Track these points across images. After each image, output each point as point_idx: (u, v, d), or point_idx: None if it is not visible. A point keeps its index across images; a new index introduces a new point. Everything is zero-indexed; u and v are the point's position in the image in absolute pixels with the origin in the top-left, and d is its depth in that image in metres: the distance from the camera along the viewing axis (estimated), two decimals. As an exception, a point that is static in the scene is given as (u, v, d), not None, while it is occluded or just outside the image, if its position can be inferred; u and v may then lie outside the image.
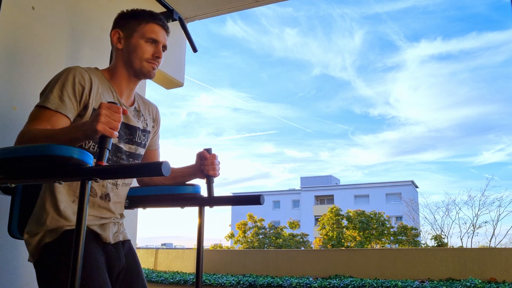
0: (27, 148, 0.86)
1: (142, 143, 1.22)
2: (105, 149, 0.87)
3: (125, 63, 1.16)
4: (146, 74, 1.17)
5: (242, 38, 48.51)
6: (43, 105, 1.02)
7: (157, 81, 2.17)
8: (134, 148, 1.19)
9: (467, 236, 15.34)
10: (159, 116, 1.31)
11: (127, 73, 1.17)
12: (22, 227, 1.13)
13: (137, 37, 1.14)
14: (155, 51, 1.16)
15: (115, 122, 0.87)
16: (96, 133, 0.86)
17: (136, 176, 1.06)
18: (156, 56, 1.16)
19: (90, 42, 1.66)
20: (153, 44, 1.16)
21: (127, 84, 1.18)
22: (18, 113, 1.36)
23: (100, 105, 0.88)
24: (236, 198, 1.21)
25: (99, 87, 1.11)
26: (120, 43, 1.15)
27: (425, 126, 43.63)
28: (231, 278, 3.47)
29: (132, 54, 1.14)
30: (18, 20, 1.40)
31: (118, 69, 1.17)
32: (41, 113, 1.02)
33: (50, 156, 0.82)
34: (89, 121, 0.89)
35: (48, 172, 0.86)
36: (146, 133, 1.24)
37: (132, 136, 1.18)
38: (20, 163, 0.86)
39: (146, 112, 1.26)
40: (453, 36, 42.21)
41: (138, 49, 1.14)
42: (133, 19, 1.16)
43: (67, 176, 0.85)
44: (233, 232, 19.81)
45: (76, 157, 0.82)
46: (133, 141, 1.18)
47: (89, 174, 0.82)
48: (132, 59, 1.14)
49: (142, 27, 1.15)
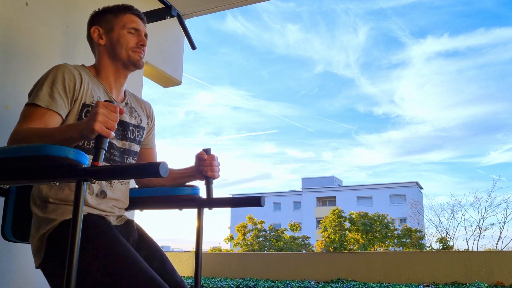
0: (21, 148, 0.85)
1: (136, 139, 1.21)
2: (101, 149, 0.85)
3: (111, 57, 1.16)
4: (135, 63, 1.17)
5: (242, 34, 48.23)
6: (33, 103, 1.00)
7: (154, 80, 2.16)
8: (128, 145, 1.18)
9: (473, 238, 15.30)
10: (153, 113, 1.31)
11: (114, 67, 1.17)
12: (16, 230, 1.11)
13: (118, 29, 1.16)
14: (138, 39, 1.17)
15: (112, 121, 0.86)
16: (93, 133, 0.84)
17: (133, 177, 1.04)
18: (141, 44, 1.17)
19: (84, 40, 1.62)
20: (135, 33, 1.17)
21: (116, 79, 1.18)
22: (11, 112, 1.34)
23: (96, 103, 0.86)
24: (235, 199, 1.20)
25: (89, 83, 1.10)
26: (102, 38, 1.16)
27: (431, 125, 43.45)
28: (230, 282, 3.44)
29: (117, 46, 1.15)
30: (11, 17, 1.39)
31: (104, 65, 1.17)
32: (32, 111, 1.00)
33: (44, 157, 0.80)
34: (85, 120, 0.87)
35: (42, 173, 0.84)
36: (140, 129, 1.23)
37: (125, 132, 1.17)
38: (14, 163, 0.85)
39: (139, 108, 1.25)
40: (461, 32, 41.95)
41: (122, 39, 1.15)
42: (110, 13, 1.18)
43: (62, 177, 0.83)
44: (232, 235, 19.76)
45: (72, 158, 0.81)
46: (126, 137, 1.17)
47: (85, 175, 0.81)
48: (118, 51, 1.15)
49: (120, 19, 1.16)
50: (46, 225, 1.00)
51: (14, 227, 1.11)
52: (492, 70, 40.13)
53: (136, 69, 1.19)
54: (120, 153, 1.15)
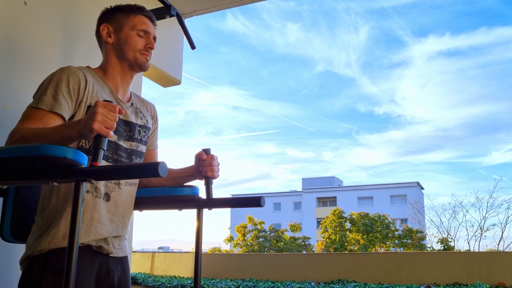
0: (19, 148, 0.84)
1: (143, 139, 1.21)
2: (100, 149, 0.84)
3: (118, 56, 1.16)
4: (142, 66, 1.17)
5: (242, 33, 47.98)
6: (36, 106, 1.00)
7: (153, 79, 2.15)
8: (135, 145, 1.18)
9: (475, 239, 15.26)
10: (157, 114, 1.31)
11: (121, 67, 1.17)
12: (15, 230, 1.11)
13: (127, 30, 1.15)
14: (147, 42, 1.17)
15: (111, 121, 0.85)
16: (92, 132, 0.84)
17: (132, 177, 1.03)
18: (149, 47, 1.17)
19: (83, 39, 1.64)
20: (144, 35, 1.17)
21: (122, 79, 1.18)
22: (10, 112, 1.33)
23: (95, 103, 0.85)
24: (235, 200, 1.19)
25: (94, 85, 1.10)
26: (110, 37, 1.16)
27: (432, 125, 43.22)
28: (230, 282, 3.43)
29: (124, 46, 1.15)
30: (10, 16, 1.38)
31: (111, 64, 1.16)
32: (33, 112, 1.00)
33: (43, 157, 0.80)
34: (84, 119, 0.86)
35: (40, 173, 0.83)
36: (147, 129, 1.23)
37: (132, 132, 1.17)
38: (12, 164, 0.84)
39: (144, 109, 1.25)
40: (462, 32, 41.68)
41: (130, 40, 1.15)
42: (120, 12, 1.17)
43: (61, 177, 0.82)
44: (232, 235, 19.74)
45: (70, 158, 0.80)
46: (133, 138, 1.17)
47: (83, 175, 0.80)
48: (125, 51, 1.15)
49: (131, 19, 1.16)
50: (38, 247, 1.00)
51: (12, 227, 1.11)
52: (493, 69, 39.96)
53: (142, 71, 1.19)
54: (128, 154, 1.15)
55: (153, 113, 1.28)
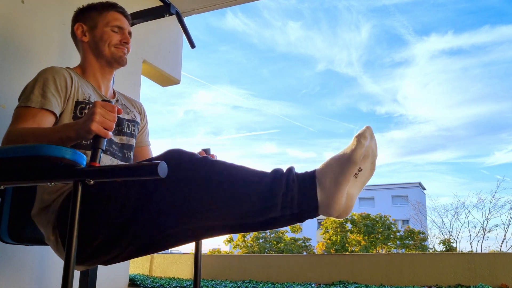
0: (16, 148, 0.83)
1: (133, 133, 1.22)
2: (98, 149, 0.84)
3: (94, 54, 1.16)
4: (118, 60, 1.17)
5: (242, 32, 47.17)
6: (26, 105, 0.99)
7: (152, 79, 2.15)
8: (125, 139, 1.18)
9: (477, 240, 15.18)
10: (145, 110, 1.32)
11: (99, 64, 1.17)
12: (12, 232, 1.10)
13: (101, 27, 1.16)
14: (122, 37, 1.17)
15: (110, 121, 0.84)
16: (90, 133, 0.83)
17: (132, 177, 1.02)
18: (124, 42, 1.17)
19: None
20: (119, 31, 1.17)
21: (102, 75, 1.18)
22: (7, 111, 1.33)
23: (94, 103, 0.84)
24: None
25: (78, 81, 1.10)
26: (85, 35, 1.16)
27: (435, 125, 42.65)
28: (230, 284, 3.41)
29: (100, 42, 1.15)
30: (7, 15, 1.38)
31: (89, 62, 1.17)
32: (24, 112, 0.99)
33: (41, 157, 0.79)
34: (82, 120, 0.86)
35: (38, 173, 0.83)
36: (136, 123, 1.24)
37: (121, 127, 1.18)
38: (9, 164, 0.83)
39: (129, 105, 1.26)
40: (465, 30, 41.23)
41: (105, 36, 1.15)
42: (94, 10, 1.18)
43: (59, 178, 0.82)
44: (232, 236, 19.73)
45: (68, 158, 0.79)
46: (122, 132, 1.18)
47: (82, 175, 0.80)
48: (101, 48, 1.15)
49: (104, 16, 1.16)
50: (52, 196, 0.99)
51: (10, 229, 1.11)
52: (497, 68, 39.52)
53: (120, 66, 1.19)
54: (120, 148, 1.15)
55: (139, 109, 1.29)
